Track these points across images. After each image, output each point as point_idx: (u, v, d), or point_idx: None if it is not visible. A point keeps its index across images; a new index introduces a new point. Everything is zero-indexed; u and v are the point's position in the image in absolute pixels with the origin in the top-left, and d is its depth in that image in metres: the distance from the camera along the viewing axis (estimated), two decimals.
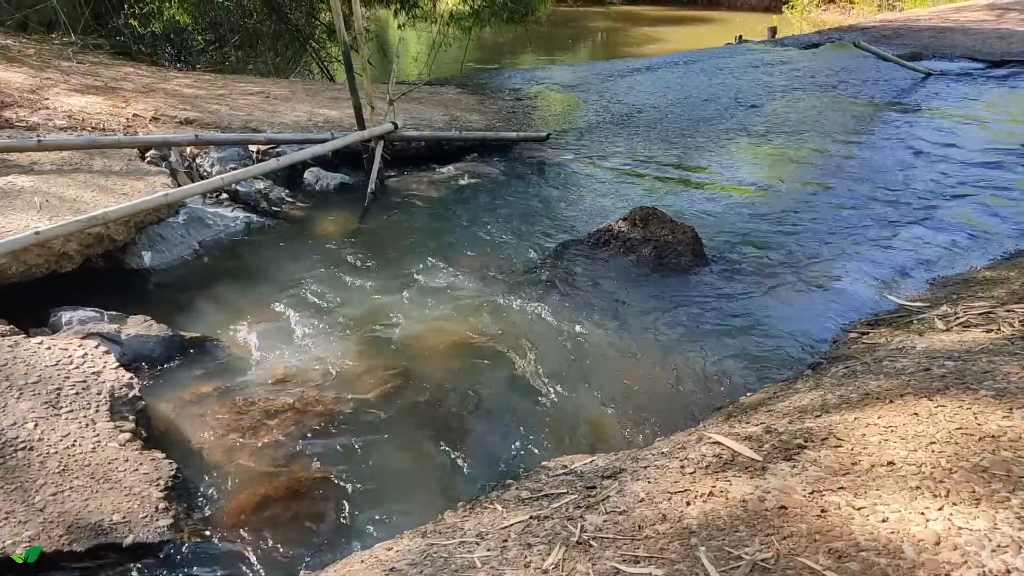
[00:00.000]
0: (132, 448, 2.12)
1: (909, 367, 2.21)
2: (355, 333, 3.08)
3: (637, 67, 9.50)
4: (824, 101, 7.29)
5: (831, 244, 3.97)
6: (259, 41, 9.53)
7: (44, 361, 2.40)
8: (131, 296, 3.33)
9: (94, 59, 6.95)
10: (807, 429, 1.86)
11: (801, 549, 1.37)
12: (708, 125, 6.57)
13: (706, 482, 1.69)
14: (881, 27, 11.13)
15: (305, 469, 2.28)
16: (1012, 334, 2.32)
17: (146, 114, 5.02)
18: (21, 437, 2.06)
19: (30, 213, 3.30)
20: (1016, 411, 1.72)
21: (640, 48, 13.66)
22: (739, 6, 19.13)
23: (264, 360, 2.87)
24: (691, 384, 2.76)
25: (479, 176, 5.21)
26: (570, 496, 1.80)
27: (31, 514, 1.83)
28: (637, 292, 3.47)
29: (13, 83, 5.15)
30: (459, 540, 1.69)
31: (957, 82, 7.86)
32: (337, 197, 4.80)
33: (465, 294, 3.45)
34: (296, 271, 3.67)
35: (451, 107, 6.81)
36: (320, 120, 5.60)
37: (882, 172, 5.12)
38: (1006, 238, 3.97)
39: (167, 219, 3.86)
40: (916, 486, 1.50)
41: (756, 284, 3.53)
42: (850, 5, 16.43)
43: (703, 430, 2.11)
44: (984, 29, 10.29)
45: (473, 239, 4.14)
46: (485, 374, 2.82)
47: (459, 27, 10.67)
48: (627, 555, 1.46)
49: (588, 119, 6.89)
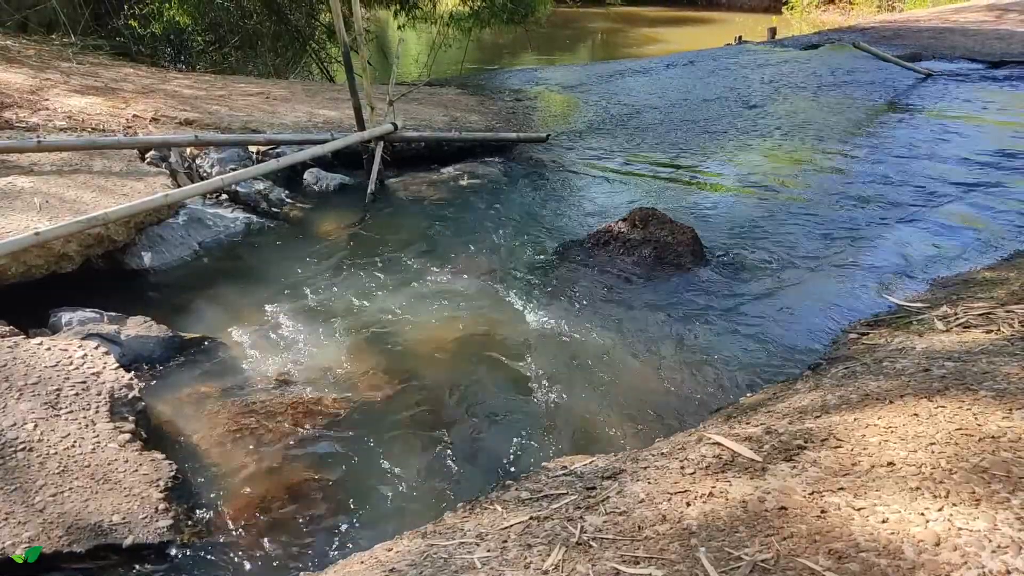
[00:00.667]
0: (132, 449, 2.12)
1: (909, 368, 2.21)
2: (355, 334, 3.08)
3: (637, 68, 9.51)
4: (824, 102, 7.29)
5: (831, 245, 3.97)
6: (259, 42, 9.53)
7: (44, 362, 2.40)
8: (131, 297, 3.33)
9: (94, 60, 6.95)
10: (807, 430, 1.86)
11: (801, 550, 1.37)
12: (707, 126, 6.57)
13: (706, 483, 1.69)
14: (881, 28, 11.13)
15: (305, 470, 2.28)
16: (1012, 335, 2.32)
17: (146, 115, 5.02)
18: (21, 438, 2.06)
19: (30, 214, 3.30)
20: (1016, 412, 1.72)
21: (640, 49, 13.67)
22: (739, 7, 19.13)
23: (264, 361, 2.87)
24: (691, 385, 2.76)
25: (479, 177, 5.21)
26: (570, 497, 1.80)
27: (31, 515, 1.83)
28: (636, 293, 3.47)
29: (13, 84, 5.15)
30: (459, 541, 1.69)
31: (956, 83, 7.86)
32: (337, 198, 4.80)
33: (465, 295, 3.45)
34: (296, 272, 3.67)
35: (451, 108, 6.81)
36: (320, 121, 5.60)
37: (882, 173, 5.12)
38: (1006, 239, 3.97)
39: (167, 220, 3.86)
40: (916, 487, 1.50)
41: (756, 285, 3.53)
42: (850, 6, 16.44)
43: (703, 431, 2.11)
44: (983, 30, 10.29)
45: (473, 240, 4.14)
46: (485, 375, 2.82)
47: (459, 28, 10.67)
48: (627, 556, 1.46)
49: (588, 120, 6.89)
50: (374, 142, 4.93)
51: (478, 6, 10.28)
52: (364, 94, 4.89)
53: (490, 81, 8.96)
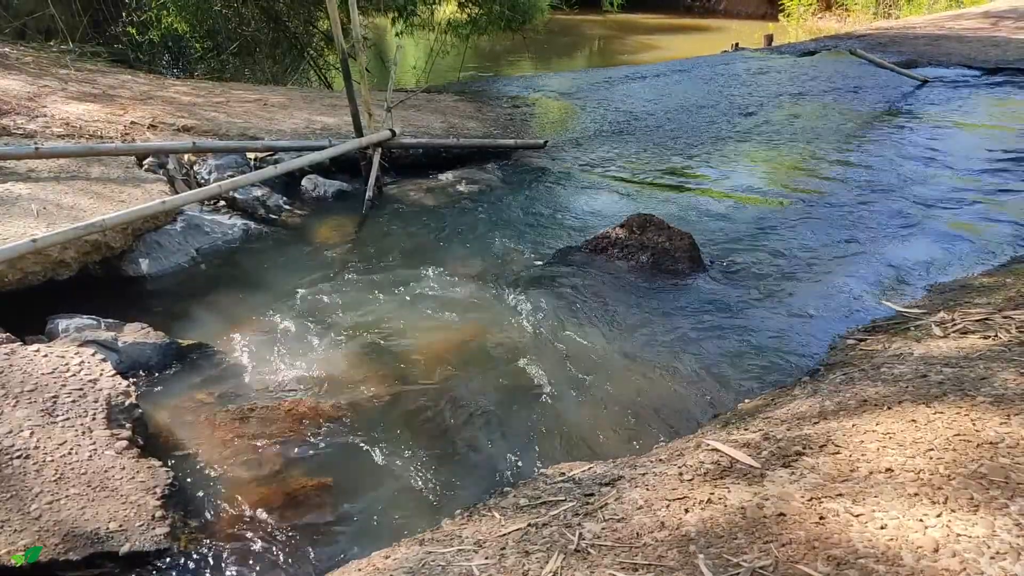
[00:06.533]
0: (129, 456, 2.12)
1: (907, 374, 2.22)
2: (352, 340, 3.08)
3: (634, 75, 9.53)
4: (820, 108, 7.32)
5: (828, 251, 3.97)
6: (257, 49, 9.54)
7: (41, 369, 2.39)
8: (128, 303, 3.32)
9: (92, 67, 6.96)
10: (805, 436, 1.86)
11: (800, 556, 1.37)
12: (705, 132, 6.59)
13: (704, 489, 1.68)
14: (877, 35, 11.18)
15: (302, 477, 2.27)
16: (1009, 340, 2.33)
17: (144, 122, 5.02)
18: (17, 445, 2.05)
19: (27, 220, 3.30)
20: (1014, 417, 1.72)
21: (637, 56, 13.71)
22: (736, 14, 19.21)
23: (261, 367, 2.87)
24: (689, 391, 2.76)
25: (477, 183, 5.21)
26: (568, 503, 1.80)
27: (27, 523, 1.82)
28: (634, 299, 3.47)
29: (11, 91, 5.15)
30: (457, 548, 1.68)
31: (953, 89, 7.89)
32: (335, 204, 4.80)
33: (463, 301, 3.45)
34: (293, 278, 3.67)
35: (449, 114, 6.82)
36: (318, 127, 5.61)
37: (878, 179, 5.13)
38: (1003, 244, 3.98)
39: (164, 226, 3.85)
40: (914, 493, 1.50)
41: (753, 290, 3.54)
42: (846, 13, 16.50)
43: (701, 437, 2.11)
44: (979, 37, 10.34)
45: (471, 246, 4.14)
46: (483, 381, 2.82)
47: (457, 35, 10.70)
48: (625, 563, 1.46)
49: (586, 126, 6.91)
50: (372, 149, 4.94)
51: (476, 13, 10.31)
52: (362, 101, 4.90)
53: (488, 88, 8.98)
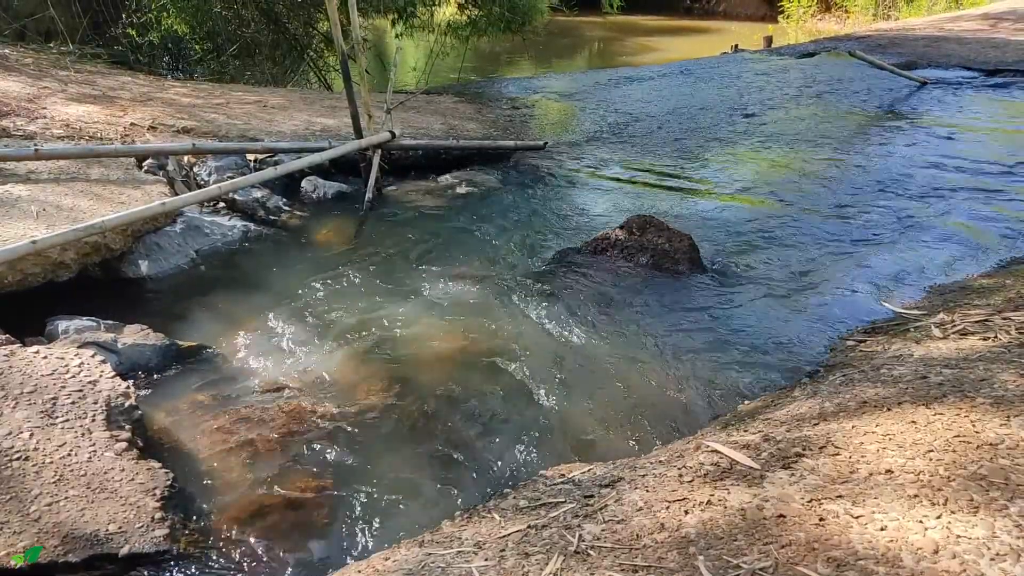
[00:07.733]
0: (128, 458, 2.11)
1: (906, 375, 2.22)
2: (352, 342, 3.08)
3: (633, 76, 9.54)
4: (819, 110, 7.33)
5: (828, 252, 3.98)
6: (257, 50, 9.55)
7: (40, 370, 2.39)
8: (128, 305, 3.32)
9: (91, 68, 6.96)
10: (805, 437, 1.86)
11: (800, 558, 1.37)
12: (704, 134, 6.59)
13: (704, 491, 1.68)
14: (877, 36, 11.20)
15: (301, 479, 2.27)
16: (1009, 341, 2.33)
17: (143, 123, 5.02)
18: (16, 447, 2.05)
19: (27, 222, 3.30)
20: (1014, 419, 1.72)
21: (637, 57, 13.73)
22: (735, 16, 19.24)
23: (261, 369, 2.86)
24: (688, 392, 2.76)
25: (477, 185, 5.21)
26: (568, 505, 1.80)
27: (26, 524, 1.82)
28: (634, 300, 3.47)
29: (10, 92, 5.15)
30: (456, 550, 1.68)
31: (952, 91, 7.90)
32: (334, 206, 4.80)
33: (462, 303, 3.45)
34: (293, 280, 3.66)
35: (448, 116, 6.82)
36: (318, 129, 5.61)
37: (878, 180, 5.14)
38: (1003, 246, 3.98)
39: (164, 228, 3.85)
40: (914, 494, 1.50)
41: (753, 292, 3.54)
42: (846, 14, 16.53)
43: (701, 438, 2.11)
44: (979, 39, 10.36)
45: (470, 248, 4.14)
46: (482, 383, 2.82)
47: (456, 36, 10.70)
48: (625, 564, 1.46)
49: (585, 128, 6.91)
50: (372, 150, 4.94)
51: (475, 15, 10.31)
52: (362, 102, 4.90)
53: (487, 89, 8.99)
